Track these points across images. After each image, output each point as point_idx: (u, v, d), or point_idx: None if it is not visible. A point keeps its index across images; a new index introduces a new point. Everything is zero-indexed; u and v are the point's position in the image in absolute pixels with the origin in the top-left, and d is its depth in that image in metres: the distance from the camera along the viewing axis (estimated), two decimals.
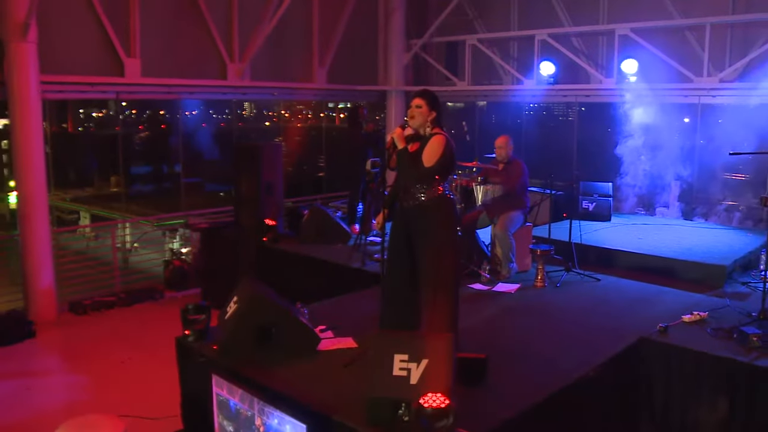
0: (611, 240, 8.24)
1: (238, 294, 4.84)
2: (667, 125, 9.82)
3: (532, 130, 12.38)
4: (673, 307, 5.82)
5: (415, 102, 4.74)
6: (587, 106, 11.62)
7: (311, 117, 16.56)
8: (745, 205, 9.40)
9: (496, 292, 6.49)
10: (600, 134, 10.94)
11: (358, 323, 5.33)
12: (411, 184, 4.74)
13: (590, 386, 4.47)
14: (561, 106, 12.34)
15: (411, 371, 3.64)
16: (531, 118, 12.56)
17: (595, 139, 11.16)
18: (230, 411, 4.16)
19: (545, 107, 12.63)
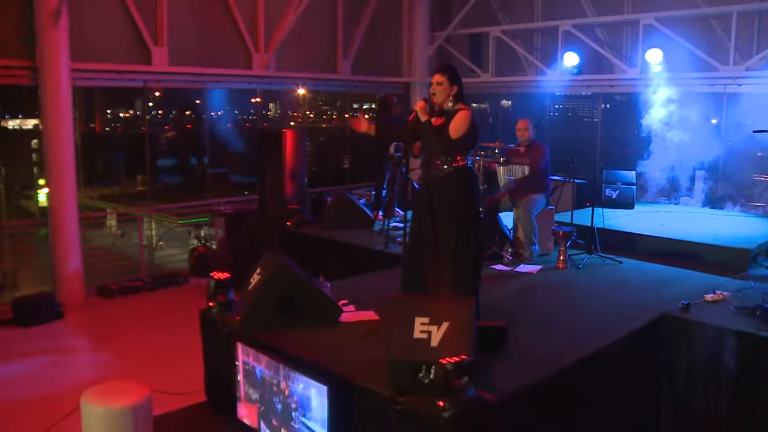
0: (634, 226, 8.20)
1: (261, 266, 4.92)
2: (692, 115, 9.72)
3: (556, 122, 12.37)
4: (696, 288, 5.77)
5: (436, 78, 4.80)
6: (611, 97, 11.57)
7: (335, 117, 16.66)
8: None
9: (518, 272, 6.52)
10: (624, 124, 10.89)
11: (380, 299, 5.36)
12: (435, 157, 4.80)
13: (610, 359, 4.48)
14: (585, 99, 12.29)
15: (432, 334, 3.68)
16: (556, 111, 12.54)
17: (619, 129, 11.11)
18: (256, 378, 4.23)
19: (569, 100, 12.60)
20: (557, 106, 12.96)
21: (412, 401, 3.51)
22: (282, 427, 3.96)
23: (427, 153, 4.88)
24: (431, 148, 4.83)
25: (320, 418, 3.69)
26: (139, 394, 4.33)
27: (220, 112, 14.69)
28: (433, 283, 4.76)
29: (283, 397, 3.95)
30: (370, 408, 3.73)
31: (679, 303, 5.21)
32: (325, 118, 17.88)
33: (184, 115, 17.10)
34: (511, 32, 12.28)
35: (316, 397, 3.72)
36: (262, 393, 4.19)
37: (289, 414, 3.90)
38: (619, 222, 8.38)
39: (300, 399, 3.83)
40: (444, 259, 4.75)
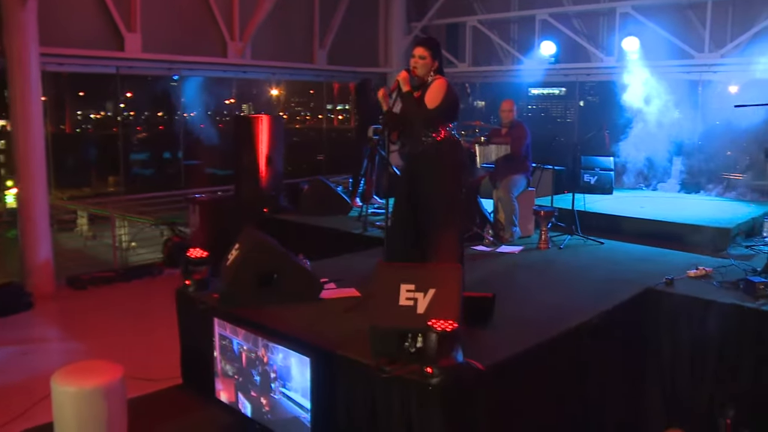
0: (614, 209, 8.20)
1: (239, 241, 4.79)
2: (668, 102, 9.74)
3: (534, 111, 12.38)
4: (678, 265, 5.75)
5: (419, 52, 4.72)
6: (589, 85, 11.58)
7: (309, 118, 16.51)
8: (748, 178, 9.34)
9: (499, 252, 6.46)
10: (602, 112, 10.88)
11: (361, 277, 5.26)
12: (416, 130, 4.72)
13: (597, 330, 4.41)
14: (558, 98, 12.33)
15: (418, 301, 3.58)
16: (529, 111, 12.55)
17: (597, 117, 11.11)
18: (233, 352, 4.10)
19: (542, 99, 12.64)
20: (531, 107, 12.98)
21: (399, 369, 3.41)
22: (261, 398, 3.83)
23: (407, 127, 4.79)
24: (414, 122, 4.74)
25: (301, 388, 3.58)
26: (112, 374, 4.15)
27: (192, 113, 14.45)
28: (417, 258, 4.68)
29: (262, 368, 3.82)
30: (354, 379, 3.63)
31: (662, 278, 5.21)
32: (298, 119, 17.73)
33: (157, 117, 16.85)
34: (487, 22, 12.25)
35: (296, 366, 3.60)
36: (240, 366, 4.06)
37: (269, 385, 3.77)
38: (599, 206, 8.36)
39: (279, 369, 3.71)
40: (430, 233, 4.69)
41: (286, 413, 3.70)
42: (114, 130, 10.84)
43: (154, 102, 14.23)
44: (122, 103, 11.09)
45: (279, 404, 3.75)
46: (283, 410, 3.73)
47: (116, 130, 10.79)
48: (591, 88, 11.83)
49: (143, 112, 17.03)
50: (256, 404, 3.93)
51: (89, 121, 18.03)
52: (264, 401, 3.84)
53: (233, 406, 4.14)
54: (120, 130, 10.92)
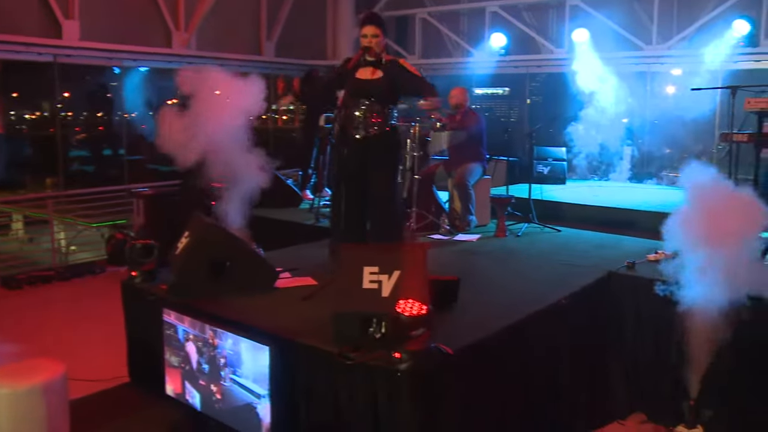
0: (568, 198, 8.20)
1: (189, 228, 4.54)
2: (618, 93, 9.81)
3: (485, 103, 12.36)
4: (636, 250, 5.74)
5: (371, 30, 4.62)
6: (540, 78, 11.59)
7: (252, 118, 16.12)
8: None
9: (456, 240, 6.33)
10: (553, 104, 10.90)
11: (315, 266, 5.08)
12: (368, 112, 4.61)
13: (563, 314, 4.32)
14: (502, 98, 12.32)
15: (382, 283, 3.40)
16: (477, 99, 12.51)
17: (549, 110, 11.14)
18: (178, 340, 3.87)
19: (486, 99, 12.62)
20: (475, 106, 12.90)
21: (363, 356, 3.23)
22: (211, 386, 3.61)
23: (359, 109, 4.63)
24: (369, 104, 4.59)
25: (251, 374, 3.38)
26: (51, 373, 3.84)
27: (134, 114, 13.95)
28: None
29: (210, 355, 3.60)
30: (316, 368, 3.43)
31: (623, 263, 5.17)
32: None
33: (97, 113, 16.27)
34: (437, 14, 12.16)
35: (246, 351, 3.40)
36: (186, 354, 3.83)
37: (218, 372, 3.55)
38: (553, 195, 8.35)
39: (229, 356, 3.49)
40: (378, 217, 4.69)
41: (238, 400, 3.51)
42: (51, 130, 10.31)
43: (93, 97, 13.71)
44: (59, 103, 10.56)
45: (230, 392, 3.55)
46: (234, 398, 3.53)
47: (53, 130, 10.27)
48: (540, 80, 11.81)
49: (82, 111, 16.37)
50: (205, 393, 3.71)
51: (24, 122, 17.30)
52: (215, 389, 3.63)
53: (180, 399, 3.91)
54: (58, 130, 10.42)
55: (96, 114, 16.12)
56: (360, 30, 4.66)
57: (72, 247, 10.11)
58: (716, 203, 4.23)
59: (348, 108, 4.65)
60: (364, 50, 4.57)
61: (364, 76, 4.61)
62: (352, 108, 4.64)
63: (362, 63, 4.58)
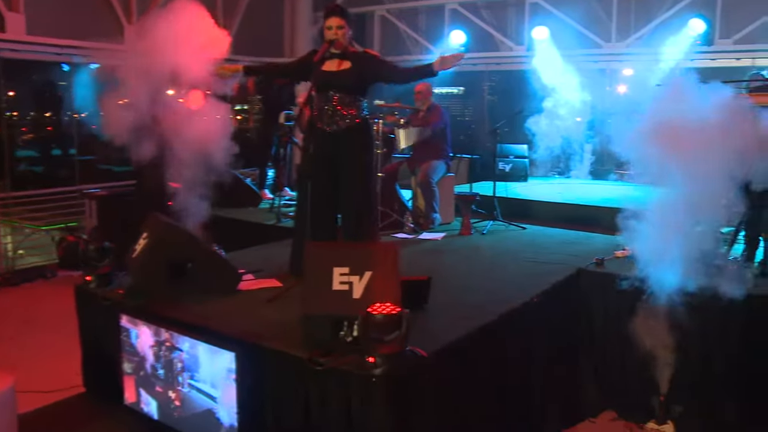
0: (531, 195, 8.18)
1: (147, 229, 4.33)
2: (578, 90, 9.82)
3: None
4: (603, 247, 5.72)
5: (336, 22, 4.48)
6: (498, 76, 11.56)
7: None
8: None
9: (421, 239, 6.23)
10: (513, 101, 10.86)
11: (279, 267, 4.92)
12: (338, 105, 4.46)
13: (534, 313, 4.25)
14: (456, 97, 12.27)
15: (353, 285, 3.28)
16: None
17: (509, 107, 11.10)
18: (132, 345, 3.69)
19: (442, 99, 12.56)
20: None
21: (335, 361, 3.09)
22: (169, 392, 3.44)
23: (326, 101, 4.48)
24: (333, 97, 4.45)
25: (209, 378, 3.23)
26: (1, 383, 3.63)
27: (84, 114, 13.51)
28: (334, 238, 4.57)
29: (167, 360, 3.43)
30: (285, 374, 3.27)
31: (591, 259, 5.14)
32: None
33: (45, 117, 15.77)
34: (396, 11, 12.04)
35: (204, 354, 3.24)
36: (140, 360, 3.65)
37: (175, 378, 3.38)
38: (515, 192, 8.32)
39: (186, 360, 3.33)
40: (350, 215, 4.54)
41: (198, 406, 3.37)
42: None
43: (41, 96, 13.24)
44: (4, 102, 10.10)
45: (189, 398, 3.39)
46: (193, 404, 3.38)
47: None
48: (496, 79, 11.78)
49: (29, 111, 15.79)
50: (163, 400, 3.54)
51: None
52: (172, 395, 3.46)
53: (134, 407, 3.73)
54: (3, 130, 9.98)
55: (44, 113, 15.58)
56: (324, 22, 4.51)
57: (20, 251, 9.69)
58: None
59: (315, 102, 4.50)
60: (329, 43, 4.42)
61: (330, 68, 4.46)
62: (320, 102, 4.49)
63: (328, 56, 4.43)
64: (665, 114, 4.24)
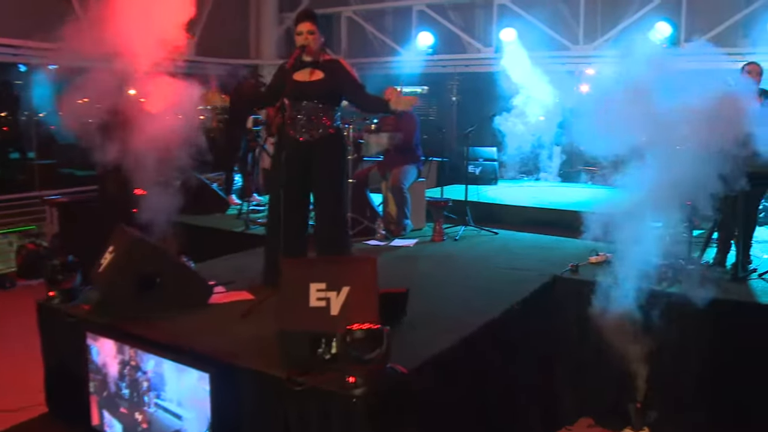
0: (502, 199, 8.17)
1: (113, 242, 4.18)
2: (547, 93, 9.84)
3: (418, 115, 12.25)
4: (576, 252, 5.72)
5: (307, 27, 4.36)
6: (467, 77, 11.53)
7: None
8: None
9: (393, 246, 6.16)
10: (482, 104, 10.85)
11: (250, 278, 4.82)
12: (315, 115, 4.35)
13: (513, 322, 4.21)
14: (441, 78, 12.18)
15: (330, 301, 3.18)
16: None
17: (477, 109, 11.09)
18: (94, 363, 3.56)
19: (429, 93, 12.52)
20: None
21: (314, 380, 2.99)
22: (135, 414, 3.32)
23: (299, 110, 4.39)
24: (306, 106, 4.36)
25: (176, 397, 3.13)
26: None
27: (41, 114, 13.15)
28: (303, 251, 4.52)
29: (131, 379, 3.31)
30: (263, 394, 3.17)
31: (566, 266, 5.13)
32: None
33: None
34: (362, 12, 11.94)
35: (170, 372, 3.13)
36: (103, 379, 3.53)
37: (141, 397, 3.27)
38: (487, 197, 8.29)
39: (152, 379, 3.21)
40: (324, 226, 4.49)
41: (165, 427, 3.23)
42: None
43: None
44: None
45: (156, 418, 3.27)
46: (160, 424, 3.25)
47: None
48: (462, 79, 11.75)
49: None
50: (128, 423, 3.42)
51: None
52: (139, 417, 3.34)
53: (98, 430, 3.59)
54: None
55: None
56: (295, 27, 4.40)
57: None
58: None
59: (287, 110, 4.40)
60: (300, 49, 4.31)
61: (302, 78, 4.36)
62: (293, 111, 4.39)
63: (300, 64, 4.32)
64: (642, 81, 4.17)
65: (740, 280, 4.97)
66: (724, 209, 5.42)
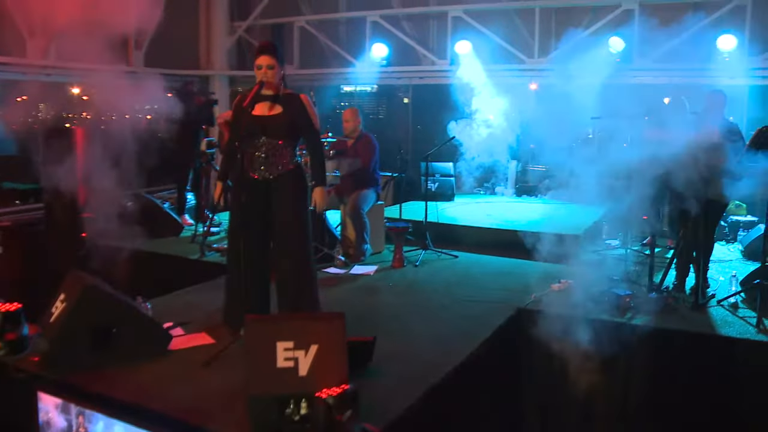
0: (461, 218, 8.14)
1: (64, 290, 3.98)
2: (502, 106, 9.83)
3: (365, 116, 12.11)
4: (538, 276, 5.73)
5: (267, 62, 4.24)
6: (421, 90, 11.48)
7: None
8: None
9: (353, 274, 6.05)
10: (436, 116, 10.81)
11: (208, 317, 4.68)
12: (270, 151, 4.23)
13: (480, 361, 4.15)
14: (395, 90, 12.10)
15: (299, 360, 3.06)
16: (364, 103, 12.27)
17: (432, 122, 11.05)
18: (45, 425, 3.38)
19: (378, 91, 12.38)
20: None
21: None
22: None
23: (255, 147, 4.25)
24: (263, 143, 4.23)
25: None
26: None
27: None
28: (266, 292, 4.45)
29: None
30: None
31: (527, 295, 5.18)
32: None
33: None
34: (315, 23, 11.78)
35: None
36: None
37: None
38: (444, 215, 8.25)
39: None
40: (287, 267, 4.35)
41: None
42: None
43: None
44: None
45: None
46: None
47: None
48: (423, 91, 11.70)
49: None
50: None
51: None
52: None
53: None
54: None
55: None
56: (254, 61, 4.26)
57: None
58: None
59: (246, 148, 4.24)
60: (259, 85, 4.18)
61: (261, 112, 4.22)
62: (251, 148, 4.24)
63: (259, 98, 4.18)
64: None
65: (700, 307, 5.02)
66: (684, 235, 5.49)
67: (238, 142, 4.22)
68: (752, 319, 4.67)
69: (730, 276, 5.60)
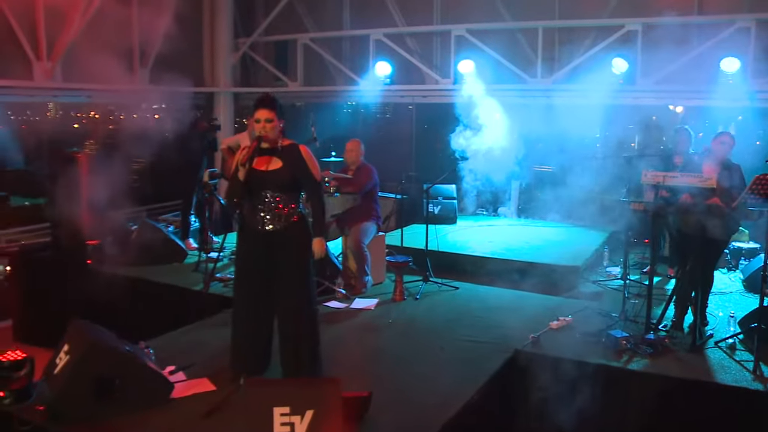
0: (461, 244, 8.18)
1: (68, 341, 4.05)
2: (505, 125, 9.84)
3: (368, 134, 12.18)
4: (536, 311, 5.82)
5: (264, 115, 4.25)
6: (424, 108, 11.53)
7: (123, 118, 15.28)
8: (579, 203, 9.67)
9: (354, 309, 6.10)
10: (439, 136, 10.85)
11: (211, 358, 4.77)
12: (276, 204, 4.26)
13: (476, 408, 4.20)
14: (397, 108, 12.15)
15: (295, 427, 3.14)
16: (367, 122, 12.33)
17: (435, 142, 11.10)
18: None
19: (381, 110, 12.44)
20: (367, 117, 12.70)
21: None
22: None
23: (260, 200, 4.30)
24: (267, 197, 4.27)
25: None
26: None
27: None
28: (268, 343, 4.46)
29: None
30: None
31: (526, 332, 5.22)
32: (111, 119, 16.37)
33: None
34: (319, 40, 11.84)
35: None
36: None
37: None
38: (446, 240, 8.30)
39: None
40: (290, 321, 4.36)
41: None
42: None
43: None
44: None
45: None
46: None
47: None
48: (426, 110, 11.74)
49: None
50: None
51: None
52: None
53: None
54: None
55: None
56: (253, 114, 4.31)
57: None
58: None
59: (248, 202, 4.30)
60: (257, 140, 4.22)
61: (261, 166, 4.25)
62: (253, 202, 4.29)
63: (258, 152, 4.23)
64: None
65: (697, 348, 5.04)
66: (682, 274, 5.53)
67: (237, 198, 4.27)
68: (749, 364, 4.69)
69: (728, 315, 5.60)
